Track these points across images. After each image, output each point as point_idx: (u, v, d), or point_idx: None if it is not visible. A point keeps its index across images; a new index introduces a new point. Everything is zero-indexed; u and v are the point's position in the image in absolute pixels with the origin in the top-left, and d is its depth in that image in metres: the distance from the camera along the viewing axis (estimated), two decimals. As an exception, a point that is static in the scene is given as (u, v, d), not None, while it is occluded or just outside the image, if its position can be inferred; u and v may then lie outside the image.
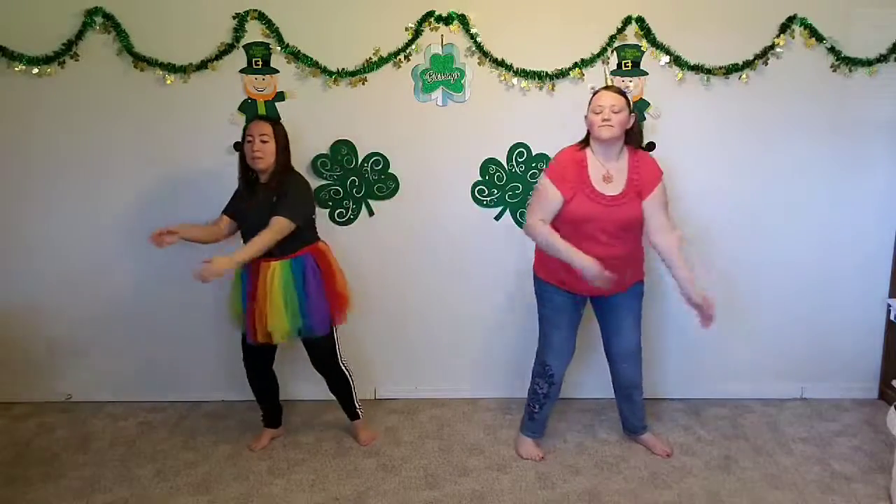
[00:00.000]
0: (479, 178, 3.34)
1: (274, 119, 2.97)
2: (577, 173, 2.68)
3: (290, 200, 2.80)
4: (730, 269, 3.40)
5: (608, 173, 2.69)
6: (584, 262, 2.61)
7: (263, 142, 2.80)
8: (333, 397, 3.15)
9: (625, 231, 2.71)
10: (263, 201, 2.82)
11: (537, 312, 2.95)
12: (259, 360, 3.06)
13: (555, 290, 2.84)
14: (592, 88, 2.78)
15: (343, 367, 3.06)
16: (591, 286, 2.68)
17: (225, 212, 3.00)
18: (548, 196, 2.71)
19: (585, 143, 2.75)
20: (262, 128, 2.82)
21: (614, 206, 2.66)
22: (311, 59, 3.18)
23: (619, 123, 2.63)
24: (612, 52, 3.18)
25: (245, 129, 2.87)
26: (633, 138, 2.74)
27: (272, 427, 3.18)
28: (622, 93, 2.68)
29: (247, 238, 2.86)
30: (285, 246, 2.82)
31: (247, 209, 2.89)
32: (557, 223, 2.73)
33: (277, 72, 3.22)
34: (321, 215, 3.30)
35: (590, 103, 2.69)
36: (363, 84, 3.23)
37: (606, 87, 2.73)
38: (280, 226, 2.76)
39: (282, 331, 2.84)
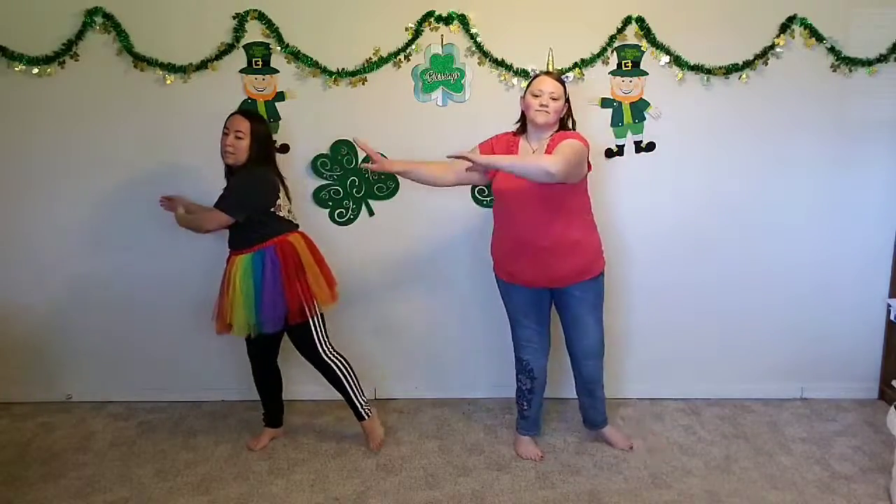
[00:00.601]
0: (479, 178, 3.34)
1: (255, 115, 2.91)
2: (506, 148, 2.74)
3: (231, 193, 2.80)
4: (729, 268, 3.40)
5: (534, 153, 2.70)
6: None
7: (238, 138, 2.79)
8: (333, 397, 3.15)
9: (545, 203, 2.63)
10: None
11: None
12: (260, 353, 3.05)
13: (506, 284, 2.87)
14: (533, 70, 2.79)
15: (329, 359, 2.97)
16: (537, 276, 2.71)
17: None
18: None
19: (522, 129, 2.78)
20: (239, 123, 2.80)
21: None
22: (311, 59, 3.19)
23: (555, 111, 2.66)
24: (612, 52, 3.18)
25: (225, 121, 2.84)
26: (563, 124, 2.77)
27: (273, 426, 3.18)
28: (562, 81, 2.71)
29: (231, 228, 2.86)
30: (246, 238, 2.82)
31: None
32: (496, 211, 2.81)
33: (277, 72, 3.22)
34: (322, 215, 3.30)
35: (528, 85, 2.72)
36: (363, 84, 3.23)
37: (548, 73, 2.75)
38: (212, 215, 2.79)
39: (239, 325, 2.82)
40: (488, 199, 3.36)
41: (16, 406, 3.50)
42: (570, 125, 2.81)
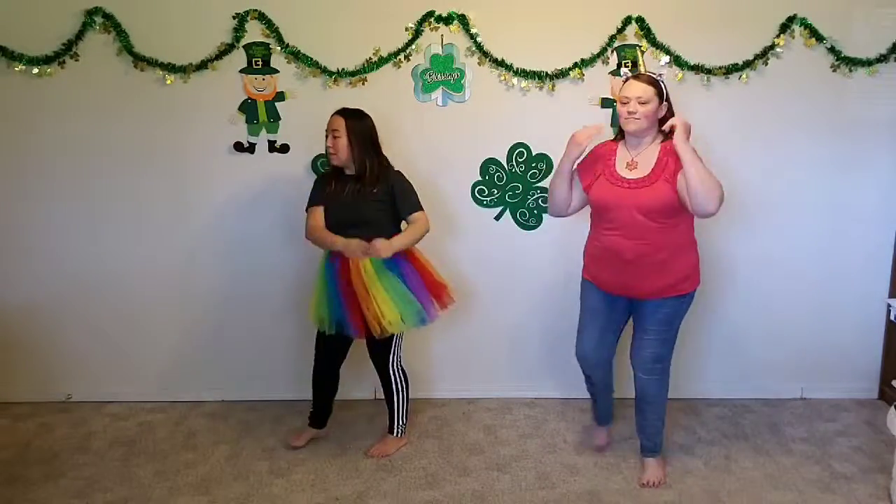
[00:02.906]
0: (479, 178, 3.34)
1: (353, 112, 2.86)
2: (603, 161, 2.66)
3: (409, 194, 2.87)
4: (729, 268, 3.40)
5: (633, 161, 2.61)
6: (565, 154, 2.61)
7: (336, 137, 2.79)
8: (336, 397, 3.15)
9: (649, 219, 2.55)
10: (353, 195, 2.80)
11: None
12: (331, 357, 3.04)
13: (588, 286, 2.81)
14: (625, 74, 2.64)
15: (393, 371, 3.00)
16: (616, 285, 2.66)
17: (317, 204, 2.91)
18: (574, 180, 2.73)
19: (622, 135, 2.70)
20: (335, 122, 2.81)
21: (636, 188, 2.56)
22: (311, 59, 3.19)
23: (645, 115, 2.53)
24: (612, 51, 3.18)
25: None
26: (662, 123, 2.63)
27: (318, 427, 3.15)
28: (654, 82, 2.56)
29: (336, 229, 2.82)
30: (381, 237, 2.79)
31: (334, 201, 2.85)
32: (593, 212, 2.74)
33: (277, 72, 3.22)
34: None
35: (619, 92, 2.63)
36: (363, 84, 3.23)
37: (637, 76, 2.59)
38: (423, 220, 2.84)
39: (395, 321, 2.78)
40: (488, 199, 3.36)
41: (16, 406, 3.50)
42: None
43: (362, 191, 2.80)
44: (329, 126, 2.83)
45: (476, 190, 3.36)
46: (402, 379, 3.05)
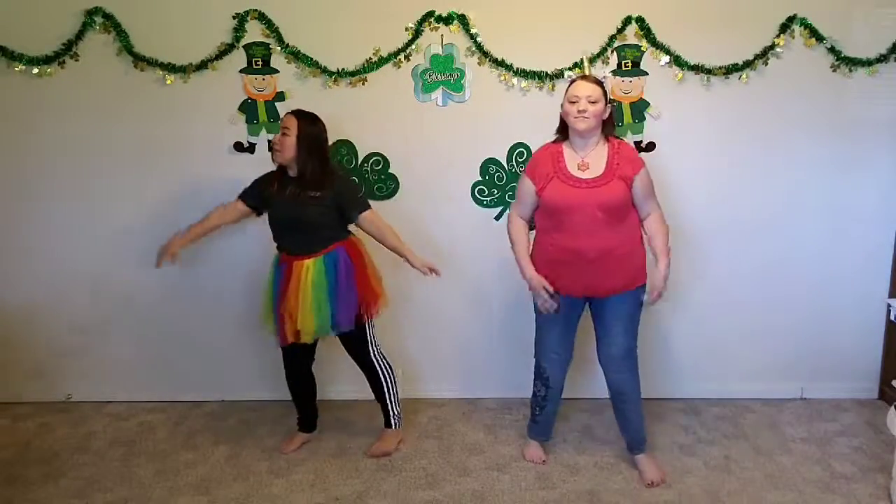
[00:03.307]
0: (479, 178, 3.34)
1: (306, 114, 2.86)
2: (552, 163, 2.66)
3: (354, 194, 2.92)
4: (729, 269, 3.40)
5: (583, 161, 2.64)
6: (528, 274, 2.72)
7: (284, 134, 2.79)
8: (333, 397, 3.15)
9: (609, 216, 2.61)
10: (293, 197, 2.79)
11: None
12: (298, 360, 3.04)
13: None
14: (569, 76, 2.74)
15: (376, 362, 3.01)
16: (578, 287, 2.68)
17: (241, 197, 2.96)
18: (523, 189, 2.72)
19: (564, 136, 2.71)
20: (287, 121, 2.81)
21: (594, 187, 2.59)
22: (311, 59, 3.19)
23: (594, 115, 2.58)
24: (612, 51, 3.18)
25: None
26: (608, 128, 2.69)
27: (307, 431, 3.16)
28: (599, 82, 2.62)
29: (277, 235, 2.86)
30: (319, 241, 2.82)
31: (276, 202, 2.85)
32: (541, 217, 2.72)
33: (277, 72, 3.22)
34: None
35: (566, 92, 2.64)
36: (363, 84, 3.23)
37: (583, 77, 2.67)
38: (374, 217, 2.89)
39: (308, 330, 2.81)
40: (488, 199, 3.36)
41: (16, 406, 3.50)
42: (612, 127, 2.73)
43: (302, 194, 2.79)
44: (281, 124, 2.82)
45: (476, 190, 3.36)
46: (387, 367, 3.04)
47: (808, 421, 3.32)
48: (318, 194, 2.79)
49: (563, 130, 2.72)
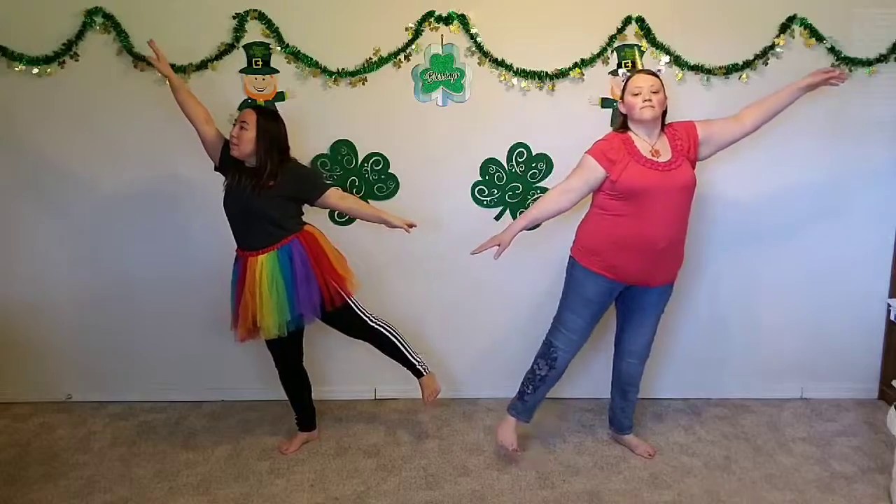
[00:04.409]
0: (479, 178, 3.34)
1: (266, 109, 2.88)
2: (625, 149, 2.67)
3: (313, 176, 3.00)
4: (729, 268, 3.40)
5: (654, 149, 2.68)
6: (513, 230, 2.80)
7: (242, 129, 2.77)
8: (333, 397, 3.15)
9: (686, 201, 2.69)
10: (250, 188, 2.77)
11: (562, 292, 2.89)
12: (286, 355, 3.03)
13: (594, 278, 2.76)
14: (624, 74, 2.76)
15: (377, 325, 3.02)
16: (639, 275, 2.71)
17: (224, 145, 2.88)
18: (584, 167, 2.71)
19: (624, 129, 2.74)
20: (246, 115, 2.79)
21: (670, 170, 2.64)
22: (311, 59, 3.19)
23: (659, 103, 2.65)
24: (612, 51, 3.18)
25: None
26: (664, 119, 2.75)
27: (306, 430, 3.15)
28: (656, 74, 2.70)
29: (233, 229, 2.85)
30: (271, 236, 2.80)
31: (231, 192, 2.84)
32: (613, 202, 2.69)
33: (277, 72, 3.22)
34: (321, 214, 3.30)
35: (624, 87, 2.70)
36: (363, 84, 3.23)
37: (640, 70, 2.74)
38: (341, 192, 2.97)
39: (268, 326, 2.81)
40: (488, 198, 3.36)
41: (16, 406, 3.50)
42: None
43: (258, 184, 2.78)
44: (239, 118, 2.80)
45: (476, 190, 3.36)
46: (389, 326, 3.06)
47: (808, 421, 3.32)
48: (272, 183, 2.77)
49: (623, 126, 2.75)
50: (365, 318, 3.00)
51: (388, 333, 3.04)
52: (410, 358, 3.07)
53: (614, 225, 2.71)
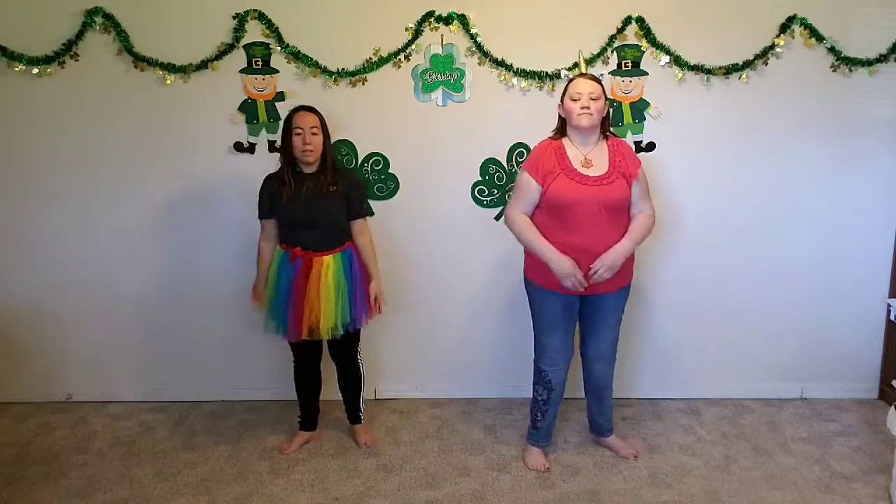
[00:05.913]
0: (479, 178, 3.34)
1: (316, 109, 2.88)
2: (556, 159, 2.65)
3: (365, 192, 3.04)
4: (729, 268, 3.40)
5: (586, 159, 2.65)
6: (556, 258, 2.61)
7: (314, 134, 2.79)
8: (333, 397, 3.15)
9: (612, 214, 2.62)
10: (316, 192, 2.79)
11: (531, 317, 2.90)
12: (310, 358, 3.05)
13: (546, 293, 2.76)
14: (566, 75, 2.75)
15: (359, 360, 3.09)
16: (582, 286, 2.64)
17: (268, 217, 2.88)
18: (523, 186, 2.69)
19: (561, 133, 2.72)
20: (312, 119, 2.80)
21: (600, 185, 2.60)
22: (311, 59, 3.19)
23: (597, 111, 2.61)
24: (612, 51, 3.18)
25: (289, 121, 2.81)
26: (605, 125, 2.72)
27: (308, 430, 3.15)
28: (598, 80, 2.65)
29: (292, 232, 2.83)
30: (338, 238, 2.86)
31: (293, 201, 2.80)
32: (542, 213, 2.68)
33: (277, 72, 3.22)
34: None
35: (565, 91, 2.66)
36: (363, 84, 3.23)
37: (582, 75, 2.69)
38: (367, 227, 2.96)
39: (328, 325, 2.82)
40: (488, 198, 3.36)
41: (16, 406, 3.50)
42: (608, 125, 2.75)
43: (321, 189, 2.79)
44: (304, 123, 2.78)
45: (476, 190, 3.36)
46: (363, 369, 3.13)
47: (808, 421, 3.32)
48: (335, 188, 2.82)
49: (561, 129, 2.73)
50: (358, 348, 3.07)
51: (362, 374, 3.11)
52: (361, 403, 3.14)
53: (549, 237, 2.67)
